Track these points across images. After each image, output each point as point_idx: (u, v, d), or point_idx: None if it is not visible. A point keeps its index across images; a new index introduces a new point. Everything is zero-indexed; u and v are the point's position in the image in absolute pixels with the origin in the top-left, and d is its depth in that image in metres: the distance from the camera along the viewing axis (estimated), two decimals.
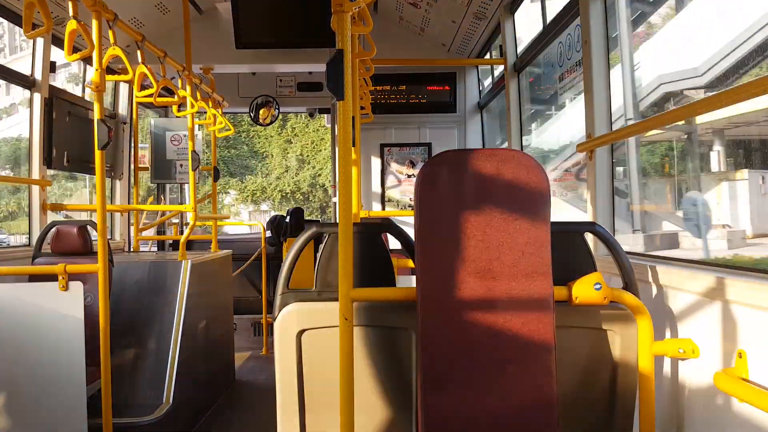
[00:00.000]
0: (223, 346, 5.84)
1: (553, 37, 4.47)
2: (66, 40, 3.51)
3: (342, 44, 2.29)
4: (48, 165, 4.95)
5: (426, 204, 2.14)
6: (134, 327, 4.55)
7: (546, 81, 5.63)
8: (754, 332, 2.03)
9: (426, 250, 2.15)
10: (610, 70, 3.59)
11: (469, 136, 7.20)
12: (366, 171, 7.10)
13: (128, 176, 6.62)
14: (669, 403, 2.56)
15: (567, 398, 2.36)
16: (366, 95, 5.03)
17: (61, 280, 3.55)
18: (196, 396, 4.87)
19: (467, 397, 2.11)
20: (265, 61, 6.74)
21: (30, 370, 3.53)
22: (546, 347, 2.10)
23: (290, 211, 7.72)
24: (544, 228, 2.11)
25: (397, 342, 2.49)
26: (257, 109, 8.00)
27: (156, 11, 6.06)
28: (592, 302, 2.28)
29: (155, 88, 4.71)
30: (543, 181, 2.11)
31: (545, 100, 5.98)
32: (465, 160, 2.15)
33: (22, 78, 4.85)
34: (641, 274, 2.70)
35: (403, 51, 6.67)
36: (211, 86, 6.48)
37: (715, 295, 2.23)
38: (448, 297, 2.12)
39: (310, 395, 2.53)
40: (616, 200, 3.55)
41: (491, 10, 5.51)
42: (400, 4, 6.26)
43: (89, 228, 4.41)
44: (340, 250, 2.25)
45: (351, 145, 2.48)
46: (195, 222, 5.15)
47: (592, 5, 3.55)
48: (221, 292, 5.86)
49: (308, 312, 2.49)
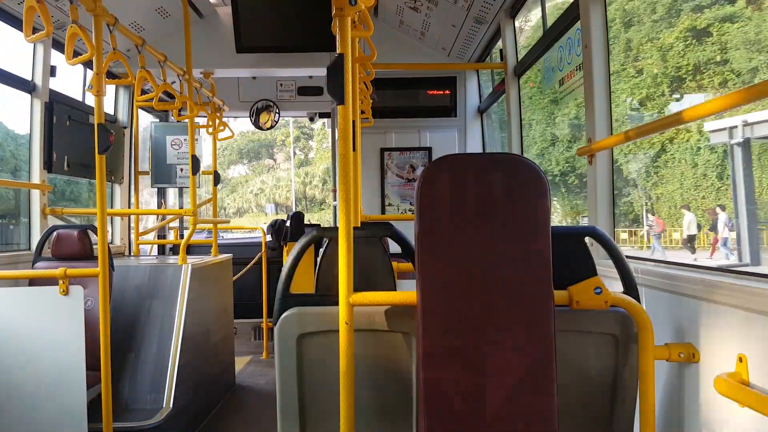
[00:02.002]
0: (223, 351, 5.83)
1: (554, 41, 4.47)
2: (66, 45, 3.51)
3: (342, 48, 2.29)
4: (48, 169, 4.95)
5: (426, 208, 2.14)
6: (135, 331, 4.55)
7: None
8: (754, 336, 2.02)
9: (426, 254, 2.14)
10: (610, 74, 3.59)
11: (470, 140, 7.20)
12: (366, 175, 7.10)
13: (128, 181, 6.62)
14: (669, 408, 2.55)
15: (568, 403, 2.36)
16: (366, 99, 5.04)
17: (61, 284, 3.55)
18: (197, 400, 4.86)
19: (468, 401, 2.11)
20: (266, 65, 6.75)
21: (30, 375, 3.52)
22: (546, 352, 2.10)
23: (290, 215, 7.72)
24: (545, 232, 2.11)
25: (397, 347, 2.48)
26: (258, 113, 8.00)
27: (156, 15, 6.07)
28: (593, 306, 2.27)
29: (155, 93, 4.72)
30: (543, 185, 2.11)
31: None
32: (465, 164, 2.15)
33: (22, 82, 4.85)
34: (641, 278, 2.70)
35: (403, 55, 6.68)
36: (212, 90, 6.49)
37: (716, 299, 2.23)
38: (448, 301, 2.12)
39: (311, 399, 2.52)
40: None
41: (491, 15, 5.51)
42: (401, 8, 6.27)
43: (89, 232, 4.41)
44: (341, 254, 2.25)
45: (351, 150, 2.48)
46: (195, 226, 5.15)
47: (593, 9, 3.55)
48: (222, 296, 5.86)
49: (308, 316, 2.49)
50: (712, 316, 2.27)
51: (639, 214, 22.22)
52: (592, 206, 3.58)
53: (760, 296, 1.98)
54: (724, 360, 2.17)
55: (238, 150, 50.96)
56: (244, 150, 51.25)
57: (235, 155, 51.24)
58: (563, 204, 23.21)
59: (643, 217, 22.01)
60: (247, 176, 51.34)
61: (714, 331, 2.25)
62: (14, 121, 5.26)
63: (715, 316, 2.24)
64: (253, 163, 52.38)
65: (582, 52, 3.67)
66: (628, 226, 21.68)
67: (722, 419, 2.18)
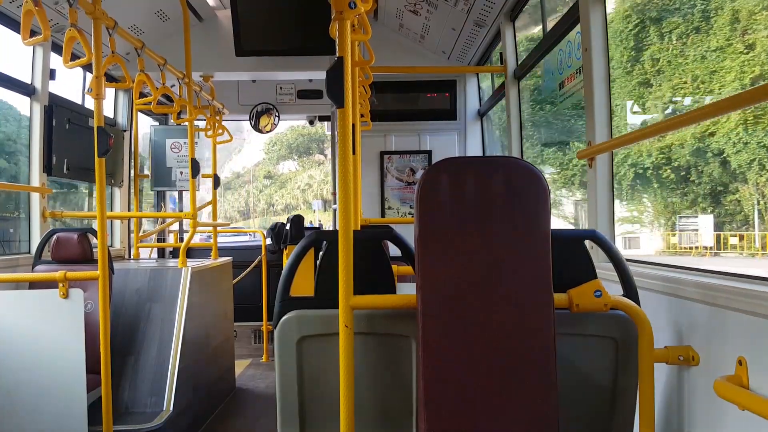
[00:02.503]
0: (223, 354, 5.83)
1: (554, 44, 4.48)
2: (64, 48, 3.52)
3: (342, 51, 2.30)
4: (48, 172, 4.96)
5: (426, 211, 2.14)
6: (135, 334, 4.55)
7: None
8: (754, 339, 2.02)
9: (426, 257, 2.14)
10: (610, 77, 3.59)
11: (470, 143, 7.21)
12: (366, 178, 7.10)
13: (128, 184, 6.63)
14: (669, 411, 2.55)
15: (568, 406, 2.35)
16: (365, 103, 5.04)
17: (61, 287, 3.55)
18: (197, 403, 4.86)
19: (468, 405, 2.11)
20: (265, 69, 6.76)
21: (30, 377, 3.53)
22: (546, 354, 2.10)
23: (290, 219, 7.73)
24: (545, 235, 2.11)
25: (397, 350, 2.48)
26: (258, 116, 8.01)
27: (156, 19, 6.07)
28: (593, 309, 2.28)
29: (154, 96, 4.72)
30: (543, 188, 2.11)
31: None
32: (465, 167, 2.15)
33: (22, 86, 4.86)
34: (641, 282, 2.70)
35: (403, 58, 6.68)
36: (211, 94, 6.49)
37: (716, 302, 2.23)
38: (448, 304, 2.12)
39: (311, 402, 2.52)
40: None
41: (491, 18, 5.52)
42: (401, 11, 6.28)
43: (89, 235, 4.41)
44: (341, 257, 2.26)
45: (351, 153, 2.49)
46: (195, 229, 5.15)
47: (593, 12, 3.55)
48: (222, 299, 5.86)
49: (308, 319, 2.49)
50: (711, 319, 2.26)
51: (749, 215, 18.35)
52: (592, 209, 3.58)
53: (759, 299, 1.98)
54: (723, 363, 2.16)
55: (288, 145, 50.54)
56: (293, 145, 50.85)
57: (285, 150, 50.91)
58: (655, 202, 20.79)
59: (755, 218, 18.16)
60: (296, 171, 51.00)
61: (713, 334, 2.25)
62: None
63: (715, 319, 2.24)
64: (303, 158, 52.08)
65: (582, 55, 3.67)
66: (737, 229, 18.38)
67: (722, 422, 2.18)
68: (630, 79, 17.69)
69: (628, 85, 17.83)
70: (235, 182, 65.88)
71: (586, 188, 3.97)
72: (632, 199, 21.39)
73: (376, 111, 6.35)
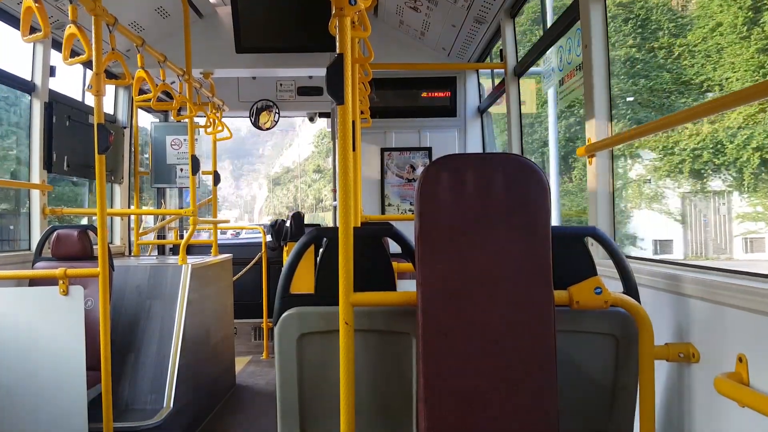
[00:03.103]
0: (223, 351, 5.83)
1: (555, 40, 4.47)
2: (64, 45, 3.51)
3: (342, 48, 2.30)
4: (48, 169, 4.95)
5: (426, 208, 2.14)
6: (135, 331, 4.55)
7: None
8: (754, 336, 2.02)
9: (426, 254, 2.14)
10: (610, 74, 3.59)
11: (470, 140, 7.20)
12: (366, 175, 7.10)
13: (128, 181, 6.62)
14: (669, 408, 2.55)
15: (568, 403, 2.36)
16: (365, 100, 5.04)
17: (61, 284, 3.55)
18: (197, 400, 4.86)
19: (468, 402, 2.11)
20: (266, 66, 6.75)
21: (30, 375, 3.53)
22: (547, 351, 2.10)
23: (291, 215, 7.73)
24: (545, 232, 2.11)
25: (397, 347, 2.49)
26: (258, 113, 8.01)
27: (156, 15, 6.07)
28: (593, 306, 2.28)
29: (153, 93, 4.72)
30: (543, 184, 2.11)
31: None
32: (466, 164, 2.15)
33: (22, 82, 4.85)
34: (641, 279, 2.70)
35: (403, 55, 6.68)
36: (211, 90, 6.49)
37: (716, 300, 2.23)
38: (448, 301, 2.12)
39: (311, 399, 2.53)
40: None
41: (491, 15, 5.51)
42: (401, 8, 6.27)
43: (89, 232, 4.41)
44: (341, 254, 2.26)
45: (351, 150, 2.48)
46: (195, 226, 5.15)
47: (593, 8, 3.54)
48: (222, 296, 5.86)
49: (308, 316, 2.49)
50: (711, 316, 2.26)
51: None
52: (593, 206, 3.57)
53: (760, 296, 1.98)
54: (723, 360, 2.16)
55: None
56: None
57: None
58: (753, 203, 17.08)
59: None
60: None
61: (714, 331, 2.25)
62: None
63: (715, 316, 2.24)
64: None
65: (582, 52, 3.67)
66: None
67: (722, 419, 2.18)
68: (746, 45, 14.94)
69: (745, 52, 15.08)
70: (284, 177, 65.81)
71: (697, 179, 3.91)
72: (756, 191, 17.29)
73: (376, 108, 6.34)
